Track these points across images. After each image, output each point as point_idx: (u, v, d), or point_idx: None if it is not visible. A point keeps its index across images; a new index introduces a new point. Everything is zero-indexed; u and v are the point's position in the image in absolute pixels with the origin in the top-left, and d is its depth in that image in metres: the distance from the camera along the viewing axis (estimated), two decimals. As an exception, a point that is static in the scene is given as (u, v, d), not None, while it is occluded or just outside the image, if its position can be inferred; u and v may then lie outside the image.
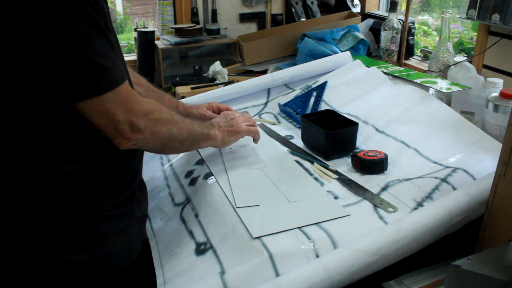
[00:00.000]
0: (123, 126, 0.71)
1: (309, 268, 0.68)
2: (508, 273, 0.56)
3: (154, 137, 0.76)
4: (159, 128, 0.77)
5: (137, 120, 0.72)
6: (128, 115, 0.71)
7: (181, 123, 0.83)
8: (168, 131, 0.79)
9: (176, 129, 0.81)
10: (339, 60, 1.43)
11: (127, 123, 0.71)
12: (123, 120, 0.71)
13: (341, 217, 0.80)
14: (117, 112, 0.70)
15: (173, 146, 0.84)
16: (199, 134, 0.89)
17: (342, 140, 1.03)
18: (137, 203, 0.83)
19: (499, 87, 1.13)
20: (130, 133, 0.72)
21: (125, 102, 0.71)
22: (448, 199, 0.78)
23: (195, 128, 0.87)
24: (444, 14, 1.39)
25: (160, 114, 0.77)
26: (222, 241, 0.78)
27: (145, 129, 0.74)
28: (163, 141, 0.79)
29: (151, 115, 0.75)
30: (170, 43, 1.81)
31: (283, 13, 2.08)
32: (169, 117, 0.80)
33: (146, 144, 0.76)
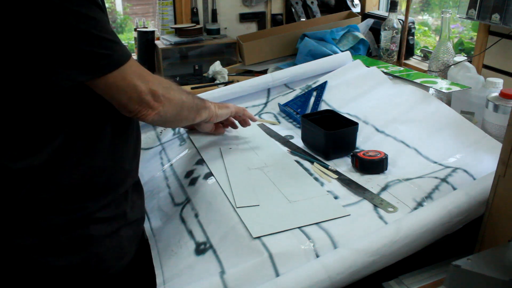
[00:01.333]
0: (145, 95, 0.73)
1: (309, 268, 0.68)
2: (508, 273, 0.56)
3: (171, 104, 0.79)
4: (173, 94, 0.80)
5: (156, 88, 0.75)
6: (147, 84, 0.73)
7: (185, 91, 0.87)
8: (180, 98, 0.83)
9: (184, 96, 0.84)
10: (339, 60, 1.43)
11: (149, 92, 0.73)
12: (144, 90, 0.73)
13: (341, 217, 0.80)
14: (138, 82, 0.72)
15: (183, 115, 0.87)
16: (199, 103, 0.92)
17: (342, 140, 1.03)
18: (130, 206, 0.81)
19: (499, 87, 1.13)
20: (153, 101, 0.74)
21: (140, 72, 0.73)
22: (448, 199, 0.78)
23: (195, 98, 0.91)
24: (444, 14, 1.39)
25: (168, 83, 0.80)
26: (222, 241, 0.78)
27: (164, 96, 0.76)
28: (177, 108, 0.82)
29: (163, 83, 0.78)
30: (170, 43, 1.81)
31: (283, 13, 2.08)
32: (174, 86, 0.82)
33: (166, 112, 0.78)
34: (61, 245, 0.72)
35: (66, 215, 0.72)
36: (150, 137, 1.22)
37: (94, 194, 0.74)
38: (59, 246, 0.72)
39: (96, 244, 0.75)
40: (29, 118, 0.68)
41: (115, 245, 0.78)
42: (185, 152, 1.10)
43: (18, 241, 0.70)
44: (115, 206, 0.78)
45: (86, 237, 0.74)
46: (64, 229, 0.72)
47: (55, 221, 0.72)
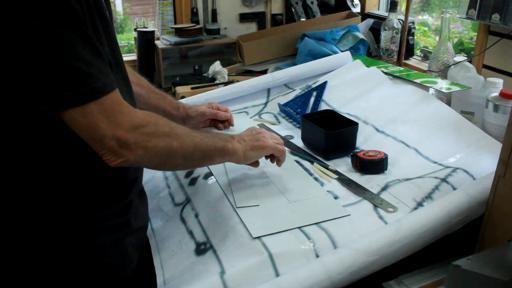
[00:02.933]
0: (108, 141, 0.64)
1: (309, 268, 0.68)
2: (508, 273, 0.56)
3: (148, 153, 0.69)
4: (155, 142, 0.69)
5: (125, 135, 0.65)
6: (113, 129, 0.64)
7: (185, 136, 0.75)
8: (167, 146, 0.71)
9: (177, 143, 0.73)
10: (339, 60, 1.43)
11: (113, 137, 0.64)
12: (108, 134, 0.64)
13: (341, 217, 0.80)
14: (101, 125, 0.63)
15: (176, 163, 0.76)
16: (211, 148, 0.79)
17: (342, 140, 1.03)
18: (134, 214, 0.80)
19: (499, 87, 1.13)
20: (118, 149, 0.65)
21: (110, 113, 0.64)
22: (448, 199, 0.78)
23: (205, 141, 0.78)
24: (444, 14, 1.39)
25: (156, 127, 0.70)
26: (222, 241, 0.78)
27: (137, 144, 0.67)
28: (161, 157, 0.72)
29: (144, 128, 0.68)
30: (170, 43, 1.81)
31: (283, 13, 2.08)
32: (168, 130, 0.72)
33: (140, 162, 0.70)
34: (65, 255, 0.72)
35: (69, 225, 0.72)
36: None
37: (98, 204, 0.74)
38: (63, 256, 0.72)
39: (100, 254, 0.75)
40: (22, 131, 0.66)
41: (119, 254, 0.77)
42: (185, 152, 1.10)
43: (22, 251, 0.70)
44: (119, 215, 0.77)
45: (90, 246, 0.74)
46: (68, 239, 0.72)
47: (59, 231, 0.71)
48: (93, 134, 0.64)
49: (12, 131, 0.66)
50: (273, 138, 0.90)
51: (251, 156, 0.85)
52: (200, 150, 0.77)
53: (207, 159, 0.81)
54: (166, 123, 0.73)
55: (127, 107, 0.68)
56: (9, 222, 0.70)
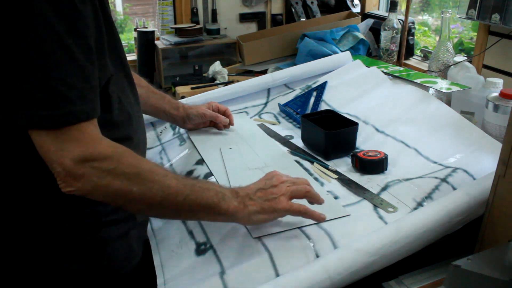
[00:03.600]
0: (56, 167, 0.61)
1: (309, 268, 0.68)
2: (508, 273, 0.56)
3: (98, 190, 0.63)
4: (108, 181, 0.63)
5: (73, 165, 0.61)
6: (62, 157, 0.61)
7: (153, 183, 0.65)
8: (124, 188, 0.64)
9: (138, 188, 0.64)
10: (339, 60, 1.43)
11: (60, 165, 0.61)
12: (56, 160, 0.61)
13: (341, 217, 0.80)
14: (52, 149, 0.61)
15: (137, 208, 0.68)
16: (193, 204, 0.68)
17: (342, 140, 1.03)
18: None
19: (499, 87, 1.13)
20: (65, 177, 0.62)
21: (63, 141, 0.61)
22: (448, 199, 0.78)
23: (187, 194, 0.67)
24: (444, 14, 1.39)
25: (114, 165, 0.63)
26: (222, 241, 0.78)
27: (84, 178, 0.62)
28: (115, 198, 0.65)
29: (97, 163, 0.62)
30: (170, 43, 1.81)
31: (283, 13, 2.08)
32: (129, 171, 0.64)
33: (92, 197, 0.64)
34: (73, 248, 0.73)
35: (78, 220, 0.73)
36: (150, 137, 1.22)
37: None
38: (71, 250, 0.73)
39: (107, 247, 0.76)
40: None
41: (125, 246, 0.79)
42: (185, 152, 1.10)
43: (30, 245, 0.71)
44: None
45: (98, 240, 0.75)
46: (76, 234, 0.73)
47: (68, 226, 0.72)
48: (44, 156, 0.62)
49: (12, 130, 0.67)
50: (294, 192, 0.74)
51: (257, 220, 0.72)
52: (172, 202, 0.67)
53: (187, 214, 0.71)
54: (133, 163, 0.66)
55: (88, 136, 0.63)
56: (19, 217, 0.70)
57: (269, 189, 0.73)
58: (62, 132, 0.61)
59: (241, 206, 0.70)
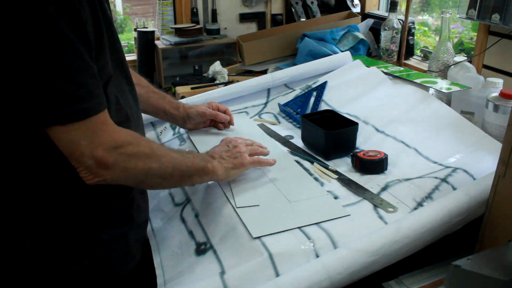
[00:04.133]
0: (87, 160, 0.65)
1: (309, 268, 0.68)
2: (508, 273, 0.56)
3: (127, 174, 0.70)
4: (134, 163, 0.70)
5: (105, 154, 0.66)
6: (94, 149, 0.65)
7: (164, 157, 0.75)
8: (146, 167, 0.72)
9: (156, 164, 0.73)
10: (339, 60, 1.43)
11: (92, 157, 0.65)
12: (88, 153, 0.65)
13: (341, 217, 0.80)
14: (82, 143, 0.65)
15: (154, 182, 0.77)
16: (190, 169, 0.79)
17: (342, 140, 1.03)
18: (136, 209, 0.81)
19: (499, 87, 1.13)
20: (96, 168, 0.66)
21: (93, 133, 0.65)
22: (448, 199, 0.78)
23: (186, 162, 0.79)
24: (444, 14, 1.39)
25: (136, 148, 0.71)
26: (222, 241, 0.78)
27: (115, 164, 0.67)
28: (139, 177, 0.73)
29: (124, 149, 0.69)
30: (170, 43, 1.81)
31: (283, 13, 2.08)
32: (148, 151, 0.73)
33: (117, 181, 0.70)
34: (71, 249, 0.73)
35: (76, 221, 0.73)
36: (150, 137, 1.22)
37: (103, 200, 0.75)
38: (69, 251, 0.73)
39: (105, 248, 0.76)
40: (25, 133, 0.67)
41: (123, 248, 0.79)
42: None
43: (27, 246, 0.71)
44: (123, 210, 0.78)
45: (95, 241, 0.75)
46: (74, 234, 0.73)
47: (66, 226, 0.72)
48: (73, 152, 0.65)
49: (15, 133, 0.67)
50: (250, 149, 0.91)
51: (232, 174, 0.87)
52: (179, 171, 0.77)
53: (186, 179, 0.81)
54: (147, 144, 0.74)
55: (110, 127, 0.69)
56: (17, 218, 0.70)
57: (232, 149, 0.89)
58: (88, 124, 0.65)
59: (220, 165, 0.84)
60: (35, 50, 0.60)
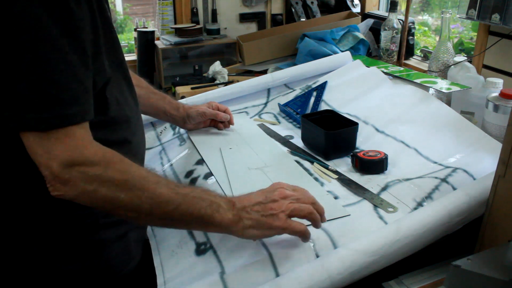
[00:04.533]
0: (44, 170, 0.61)
1: (309, 268, 0.68)
2: (508, 273, 0.56)
3: (86, 197, 0.62)
4: (94, 187, 0.62)
5: (58, 169, 0.60)
6: (48, 160, 0.60)
7: (147, 190, 0.63)
8: (110, 195, 0.62)
9: (126, 195, 0.63)
10: (339, 60, 1.43)
11: (47, 168, 0.60)
12: (43, 163, 0.60)
13: (341, 217, 0.80)
14: (39, 151, 0.60)
15: (128, 216, 0.66)
16: (186, 214, 0.65)
17: (342, 140, 1.03)
18: None
19: (499, 87, 1.13)
20: (53, 181, 0.61)
21: (53, 143, 0.60)
22: (448, 199, 0.78)
23: (178, 203, 0.65)
24: (444, 14, 1.39)
25: (101, 171, 0.62)
26: (222, 241, 0.78)
27: (72, 183, 0.61)
28: (104, 205, 0.64)
29: (84, 168, 0.61)
30: (170, 43, 1.81)
31: (283, 13, 2.08)
32: (118, 178, 0.63)
33: (77, 200, 0.63)
34: (71, 250, 0.73)
35: (75, 222, 0.73)
36: (150, 137, 1.22)
37: None
38: (69, 251, 0.73)
39: (105, 249, 0.76)
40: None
41: (123, 248, 0.79)
42: (185, 152, 1.10)
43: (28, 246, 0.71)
44: None
45: (96, 241, 0.75)
46: (74, 235, 0.73)
47: (65, 227, 0.72)
48: (33, 158, 0.62)
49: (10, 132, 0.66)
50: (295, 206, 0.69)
51: (251, 235, 0.68)
52: (163, 212, 0.65)
53: (180, 225, 0.71)
54: (122, 169, 0.64)
55: (77, 141, 0.62)
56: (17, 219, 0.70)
57: (268, 203, 0.68)
58: (49, 135, 0.60)
59: (235, 219, 0.67)
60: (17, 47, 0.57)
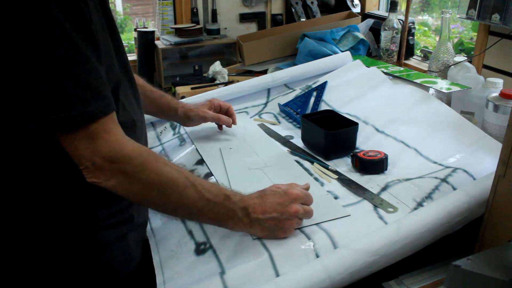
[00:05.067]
0: (85, 161, 0.64)
1: (309, 268, 0.68)
2: (508, 273, 0.56)
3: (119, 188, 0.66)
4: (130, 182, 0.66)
5: (102, 163, 0.64)
6: (92, 154, 0.63)
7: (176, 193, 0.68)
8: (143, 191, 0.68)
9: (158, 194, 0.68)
10: (339, 60, 1.43)
11: (90, 160, 0.64)
12: (87, 156, 0.63)
13: (341, 217, 0.80)
14: (81, 147, 0.63)
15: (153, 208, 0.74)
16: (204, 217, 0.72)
17: (342, 140, 1.03)
18: (137, 210, 0.81)
19: (499, 87, 1.13)
20: (94, 170, 0.64)
21: (93, 140, 0.63)
22: (448, 199, 0.78)
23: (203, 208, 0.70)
24: (444, 14, 1.39)
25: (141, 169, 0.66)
26: (222, 241, 0.78)
27: (110, 175, 0.65)
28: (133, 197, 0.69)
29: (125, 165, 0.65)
30: (170, 43, 1.81)
31: (283, 13, 2.08)
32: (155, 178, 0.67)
33: (113, 191, 0.67)
34: (72, 251, 0.73)
35: (76, 223, 0.72)
36: (150, 137, 1.22)
37: (104, 201, 0.74)
38: (70, 253, 0.73)
39: (106, 250, 0.76)
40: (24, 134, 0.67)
41: (123, 249, 0.78)
42: (185, 152, 1.10)
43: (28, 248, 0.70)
44: (123, 211, 0.78)
45: (96, 242, 0.74)
46: (75, 236, 0.73)
47: (66, 229, 0.72)
48: (73, 152, 0.64)
49: (13, 134, 0.66)
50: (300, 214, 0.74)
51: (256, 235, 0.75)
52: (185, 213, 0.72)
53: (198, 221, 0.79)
54: (156, 170, 0.68)
55: (115, 136, 0.65)
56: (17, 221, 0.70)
57: (282, 220, 0.73)
58: (87, 131, 0.62)
59: (246, 226, 0.73)
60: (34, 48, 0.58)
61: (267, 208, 0.73)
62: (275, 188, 0.76)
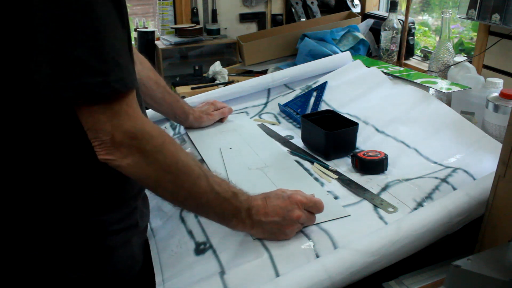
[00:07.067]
0: (103, 135, 0.60)
1: (309, 268, 0.68)
2: (508, 273, 0.56)
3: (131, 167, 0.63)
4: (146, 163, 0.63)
5: (122, 137, 0.60)
6: (113, 128, 0.60)
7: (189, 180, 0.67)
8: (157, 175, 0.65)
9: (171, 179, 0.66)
10: (339, 60, 1.43)
11: (109, 134, 0.60)
12: (107, 130, 0.60)
13: (341, 217, 0.80)
14: (102, 119, 0.59)
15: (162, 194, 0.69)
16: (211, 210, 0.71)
17: (342, 140, 1.03)
18: (140, 215, 0.81)
19: (499, 87, 1.13)
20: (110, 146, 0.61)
21: (117, 112, 0.60)
22: (448, 199, 0.78)
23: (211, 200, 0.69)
24: (444, 14, 1.39)
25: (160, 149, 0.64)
26: (222, 241, 0.78)
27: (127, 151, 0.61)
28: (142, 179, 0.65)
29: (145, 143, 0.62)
30: (170, 43, 1.81)
31: (283, 13, 2.08)
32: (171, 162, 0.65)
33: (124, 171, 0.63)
34: (79, 257, 0.72)
35: (84, 229, 0.72)
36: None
37: (110, 207, 0.74)
38: (77, 258, 0.72)
39: (113, 255, 0.75)
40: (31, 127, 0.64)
41: (129, 254, 0.78)
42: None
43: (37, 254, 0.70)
44: (129, 217, 0.77)
45: (103, 248, 0.74)
46: (82, 242, 0.72)
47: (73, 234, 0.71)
48: (91, 126, 0.60)
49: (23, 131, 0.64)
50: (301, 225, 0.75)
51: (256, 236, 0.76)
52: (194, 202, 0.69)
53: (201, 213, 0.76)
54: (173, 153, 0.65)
55: (137, 112, 0.63)
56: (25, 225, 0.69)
57: (284, 226, 0.73)
58: (114, 102, 0.59)
59: (248, 228, 0.73)
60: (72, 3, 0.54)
61: (269, 211, 0.73)
62: (280, 192, 0.76)
